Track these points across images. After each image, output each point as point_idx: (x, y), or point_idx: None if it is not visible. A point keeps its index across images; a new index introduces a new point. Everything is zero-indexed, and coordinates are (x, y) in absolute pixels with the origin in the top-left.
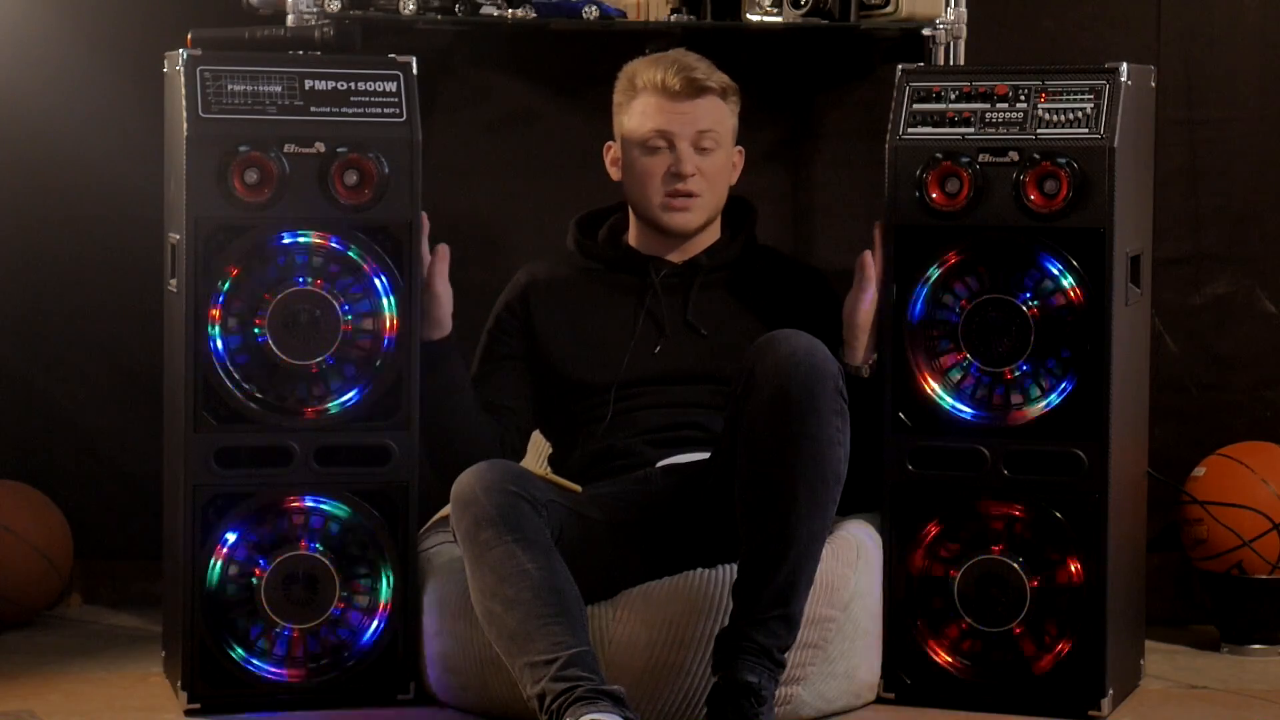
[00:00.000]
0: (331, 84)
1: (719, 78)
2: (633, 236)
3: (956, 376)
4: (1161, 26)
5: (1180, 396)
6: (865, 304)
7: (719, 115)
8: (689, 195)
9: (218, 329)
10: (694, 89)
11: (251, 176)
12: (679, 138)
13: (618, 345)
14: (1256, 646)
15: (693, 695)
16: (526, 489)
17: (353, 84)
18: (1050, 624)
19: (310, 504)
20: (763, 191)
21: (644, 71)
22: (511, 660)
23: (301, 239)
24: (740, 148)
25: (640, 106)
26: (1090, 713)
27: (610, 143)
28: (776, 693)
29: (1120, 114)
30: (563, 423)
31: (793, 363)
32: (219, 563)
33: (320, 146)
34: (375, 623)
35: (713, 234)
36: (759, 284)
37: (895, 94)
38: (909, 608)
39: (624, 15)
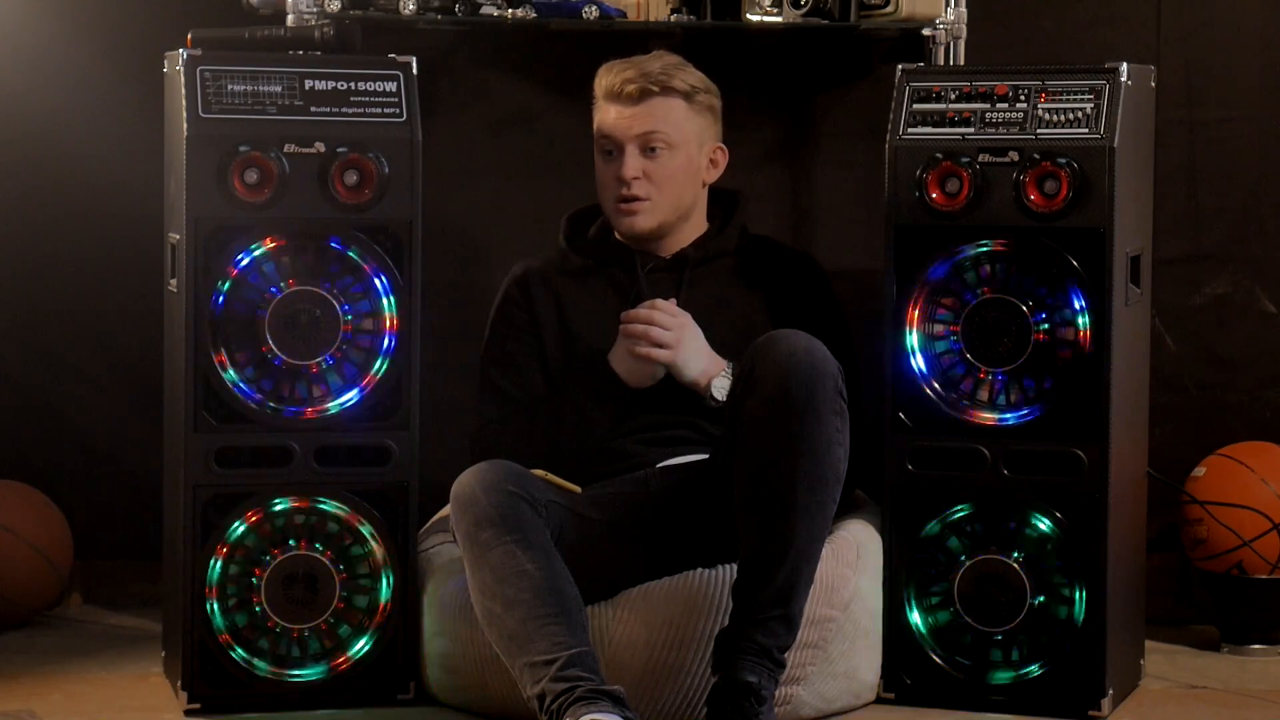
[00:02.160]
0: (331, 84)
1: (683, 79)
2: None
3: (956, 376)
4: (1161, 26)
5: (1180, 396)
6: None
7: (672, 117)
8: (634, 199)
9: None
10: (639, 92)
11: (251, 176)
12: (624, 141)
13: (607, 340)
14: (1256, 646)
15: (693, 695)
16: (526, 489)
17: (353, 84)
18: (1050, 624)
19: (310, 504)
20: (763, 191)
21: (603, 76)
22: (511, 660)
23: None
24: (722, 145)
25: (598, 111)
26: (1090, 713)
27: None
28: (776, 693)
29: (1120, 114)
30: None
31: (792, 363)
32: (219, 563)
33: (320, 146)
34: (375, 623)
35: (698, 226)
36: (750, 273)
37: (895, 94)
38: (909, 607)
39: (624, 15)
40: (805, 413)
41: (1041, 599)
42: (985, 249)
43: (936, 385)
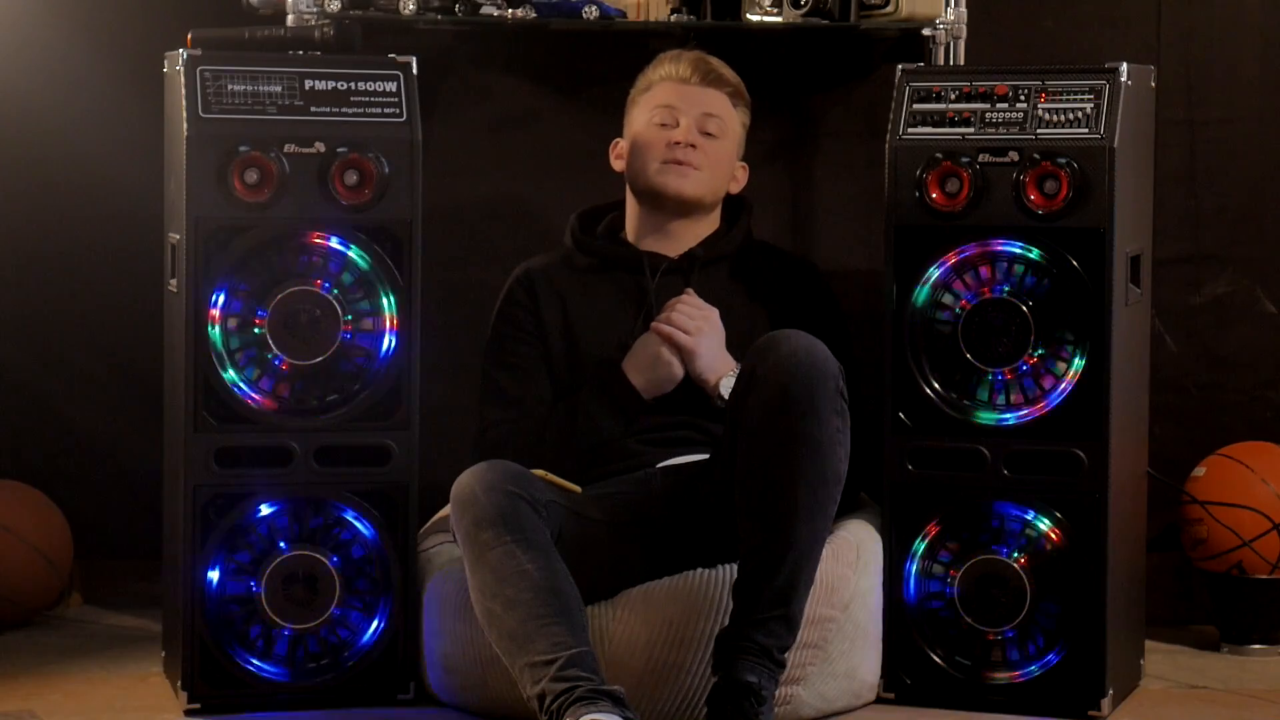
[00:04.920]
0: (331, 84)
1: (733, 79)
2: (631, 231)
3: (957, 376)
4: (1161, 26)
5: (1180, 396)
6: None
7: (727, 109)
8: (687, 162)
9: (217, 329)
10: (706, 78)
11: (251, 176)
12: (684, 114)
13: (614, 344)
14: (1256, 646)
15: (693, 695)
16: (526, 489)
17: (353, 84)
18: (1049, 624)
19: (310, 504)
20: (763, 191)
21: (662, 65)
22: (511, 661)
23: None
24: (744, 163)
25: (651, 95)
26: (1090, 713)
27: (618, 139)
28: (776, 693)
29: (1120, 114)
30: None
31: (793, 363)
32: (219, 563)
33: (320, 146)
34: (375, 623)
35: (710, 224)
36: (753, 277)
37: (895, 94)
38: (909, 607)
39: (624, 15)
40: (806, 413)
41: (1041, 599)
42: (982, 248)
43: (935, 385)
